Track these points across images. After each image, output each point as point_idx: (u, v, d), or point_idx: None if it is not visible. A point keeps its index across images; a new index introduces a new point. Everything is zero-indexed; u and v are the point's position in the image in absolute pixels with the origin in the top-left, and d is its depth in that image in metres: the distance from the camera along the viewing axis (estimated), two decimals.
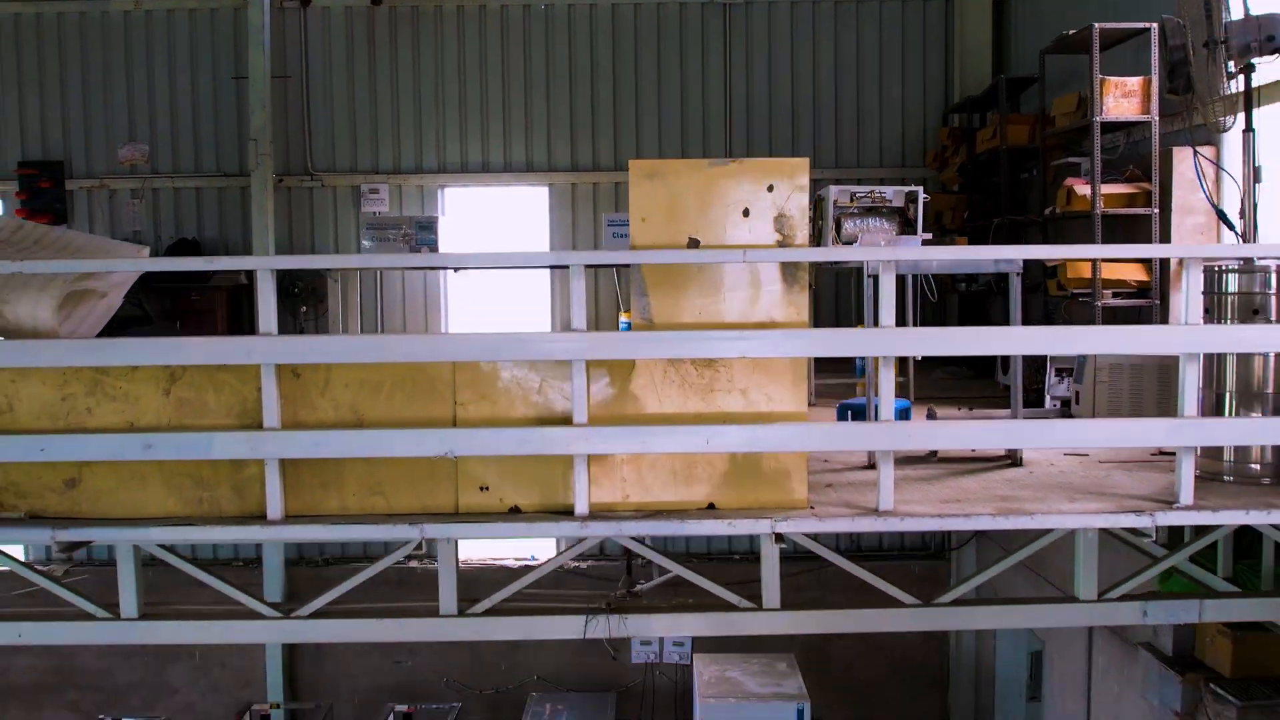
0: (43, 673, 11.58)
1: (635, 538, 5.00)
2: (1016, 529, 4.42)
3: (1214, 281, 4.92)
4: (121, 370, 4.28)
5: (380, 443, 4.25)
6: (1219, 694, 6.45)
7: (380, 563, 5.19)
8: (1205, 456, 5.00)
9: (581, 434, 4.21)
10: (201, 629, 5.29)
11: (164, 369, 4.29)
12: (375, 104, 11.13)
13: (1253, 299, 4.80)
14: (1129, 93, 7.03)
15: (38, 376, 4.29)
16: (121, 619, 4.99)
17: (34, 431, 4.29)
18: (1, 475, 4.38)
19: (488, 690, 11.35)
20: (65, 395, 4.30)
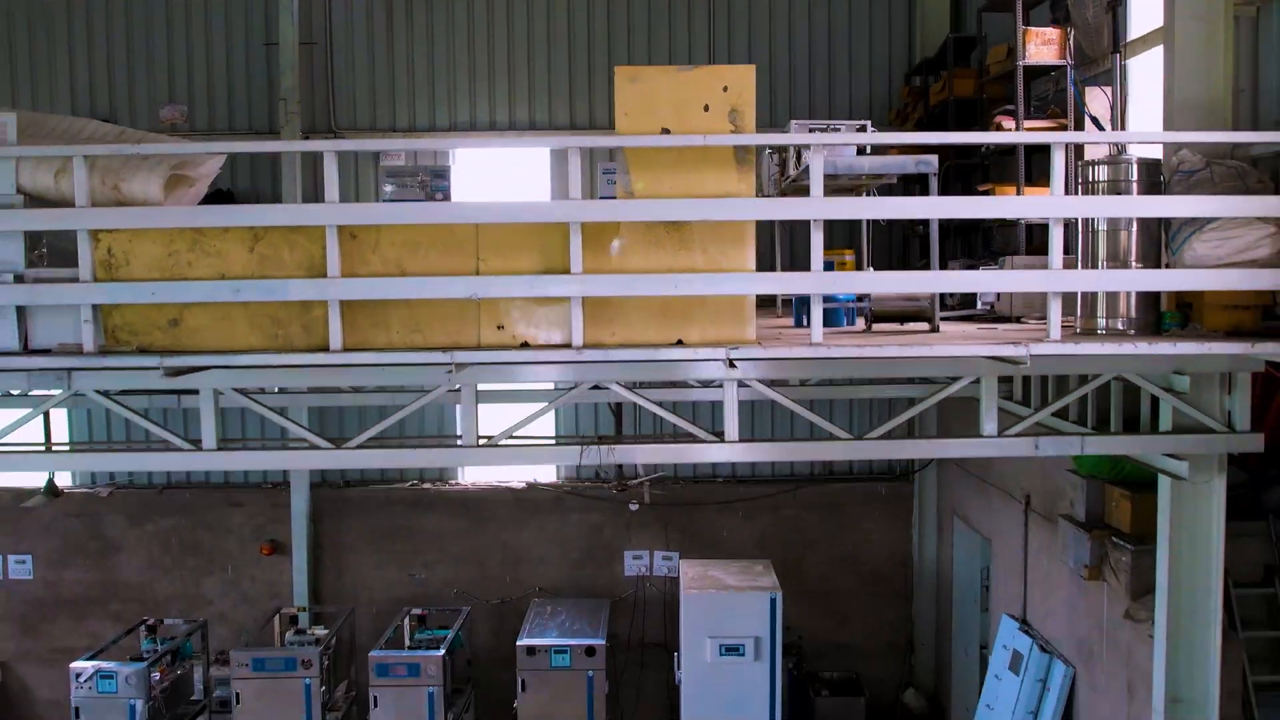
0: (89, 586, 12.74)
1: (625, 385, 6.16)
2: (916, 356, 5.53)
3: (1089, 172, 6.10)
4: (216, 231, 5.45)
5: (419, 287, 5.41)
6: (1118, 543, 7.64)
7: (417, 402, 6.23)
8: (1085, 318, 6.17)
9: (578, 280, 5.38)
10: (268, 458, 6.40)
11: (249, 230, 5.46)
12: (392, 68, 12.30)
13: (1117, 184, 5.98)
14: (1047, 41, 8.19)
15: (149, 236, 5.45)
16: (203, 450, 6.08)
17: (146, 280, 5.45)
18: (118, 316, 5.54)
19: (494, 601, 12.52)
20: (171, 252, 5.47)
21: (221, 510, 12.69)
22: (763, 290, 5.70)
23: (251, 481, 12.76)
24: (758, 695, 10.43)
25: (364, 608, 12.32)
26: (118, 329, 5.56)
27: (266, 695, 10.51)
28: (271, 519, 12.57)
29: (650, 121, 5.46)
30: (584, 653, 10.61)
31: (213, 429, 6.08)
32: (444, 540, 12.56)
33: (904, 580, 12.69)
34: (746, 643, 10.36)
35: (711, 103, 5.45)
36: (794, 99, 12.35)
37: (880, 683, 12.46)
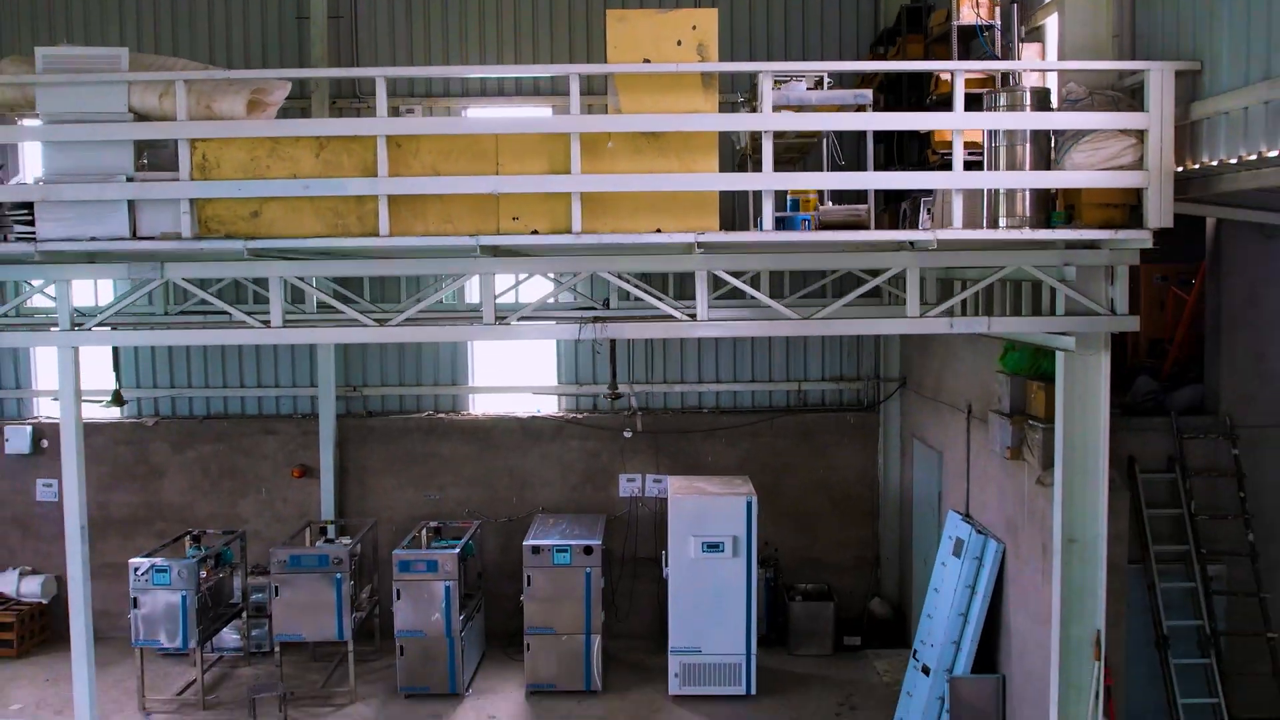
0: (136, 507, 14.13)
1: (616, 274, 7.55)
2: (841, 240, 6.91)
3: (993, 99, 7.50)
4: (289, 140, 6.85)
5: (451, 184, 6.80)
6: (1033, 425, 9.05)
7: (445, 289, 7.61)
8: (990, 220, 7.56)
9: (576, 179, 6.77)
10: (326, 333, 7.79)
11: (316, 140, 6.86)
12: (410, 39, 13.67)
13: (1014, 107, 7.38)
14: (979, 4, 9.57)
15: (236, 145, 6.85)
16: (271, 327, 7.46)
17: (233, 180, 6.84)
18: (209, 209, 6.93)
19: (502, 519, 13.90)
20: (253, 157, 6.87)
21: (256, 438, 14.09)
22: (723, 187, 7.11)
23: (283, 412, 14.17)
24: (736, 587, 11.84)
25: (384, 524, 13.70)
26: (209, 220, 6.96)
27: (302, 590, 11.88)
28: (301, 445, 13.97)
29: (634, 54, 6.87)
30: (582, 551, 12.00)
31: (279, 310, 7.47)
32: (456, 465, 13.96)
33: (870, 501, 14.09)
34: (726, 541, 11.77)
35: (684, 39, 6.86)
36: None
37: (849, 593, 13.84)
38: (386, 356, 14.08)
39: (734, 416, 13.96)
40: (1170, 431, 9.82)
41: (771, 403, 14.05)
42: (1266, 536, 9.71)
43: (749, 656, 11.94)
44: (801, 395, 14.09)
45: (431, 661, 12.01)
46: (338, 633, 11.91)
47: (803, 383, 14.06)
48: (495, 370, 14.18)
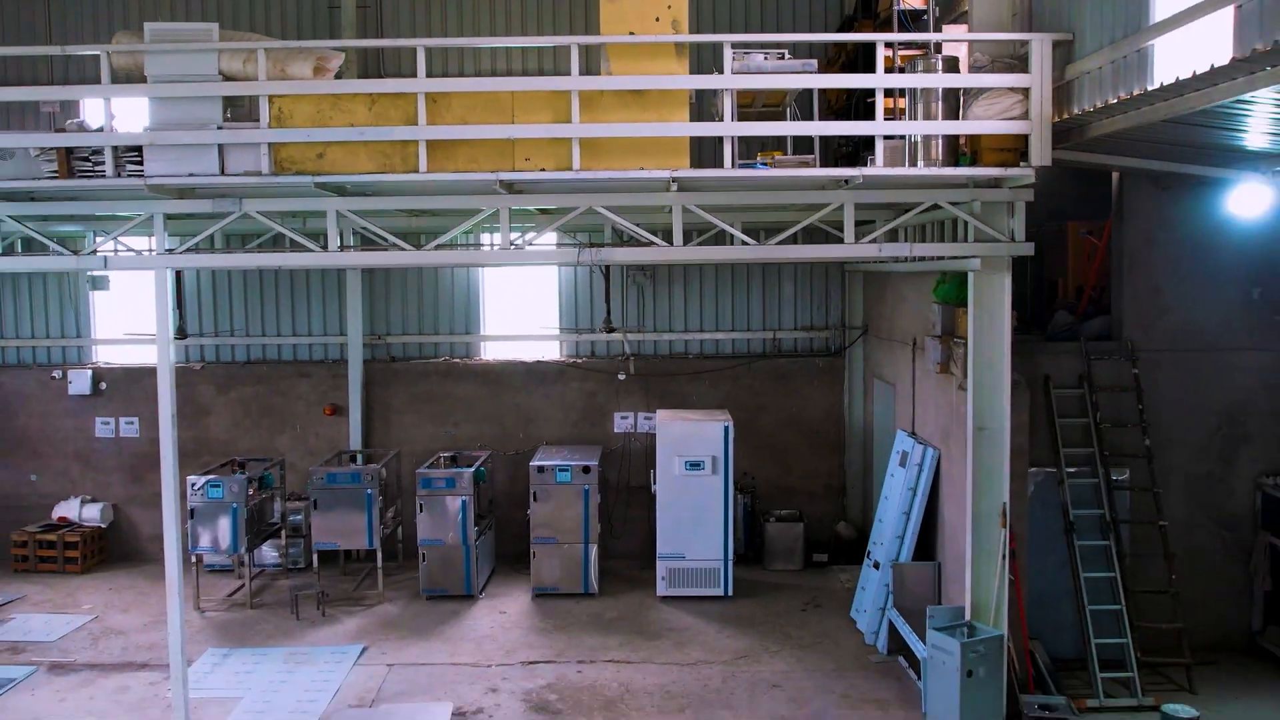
0: (184, 442, 15.72)
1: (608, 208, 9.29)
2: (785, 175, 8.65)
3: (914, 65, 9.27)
4: (347, 97, 8.61)
5: (476, 131, 8.55)
6: (958, 342, 10.80)
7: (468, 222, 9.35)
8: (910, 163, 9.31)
9: (575, 127, 8.52)
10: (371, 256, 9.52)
11: (369, 96, 8.62)
12: (430, 25, 15.43)
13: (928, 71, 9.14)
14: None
15: (305, 100, 8.60)
16: (327, 251, 9.21)
17: (302, 127, 8.59)
18: (284, 152, 8.68)
19: (510, 452, 15.64)
20: (318, 110, 8.62)
21: (292, 381, 15.86)
22: (692, 133, 8.84)
23: (315, 359, 15.93)
24: (715, 502, 13.59)
25: (406, 456, 15.44)
26: (283, 160, 8.72)
27: (337, 505, 13.62)
28: (332, 387, 15.74)
29: (622, 28, 8.63)
30: (581, 471, 13.76)
31: (336, 239, 9.23)
32: (470, 404, 15.72)
33: (837, 436, 15.85)
34: (706, 460, 13.53)
35: (661, 16, 8.62)
36: None
37: (818, 517, 15.60)
38: (408, 308, 15.84)
39: (716, 362, 15.73)
40: (1080, 355, 11.62)
41: (749, 350, 15.82)
42: (1161, 442, 11.50)
43: (726, 562, 13.70)
44: (776, 343, 15.85)
45: (449, 567, 13.77)
46: (368, 541, 13.68)
47: (777, 331, 15.82)
48: (504, 320, 15.94)
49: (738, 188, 9.12)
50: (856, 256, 9.62)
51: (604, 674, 11.26)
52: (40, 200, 9.62)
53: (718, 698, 10.62)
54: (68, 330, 16.11)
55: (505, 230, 9.25)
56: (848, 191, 9.15)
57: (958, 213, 9.52)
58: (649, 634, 12.49)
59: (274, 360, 15.95)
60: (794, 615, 13.11)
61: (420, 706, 10.30)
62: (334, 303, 15.73)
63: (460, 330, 15.89)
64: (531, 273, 15.71)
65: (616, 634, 12.47)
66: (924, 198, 9.42)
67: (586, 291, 15.63)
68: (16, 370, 16.00)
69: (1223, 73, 6.37)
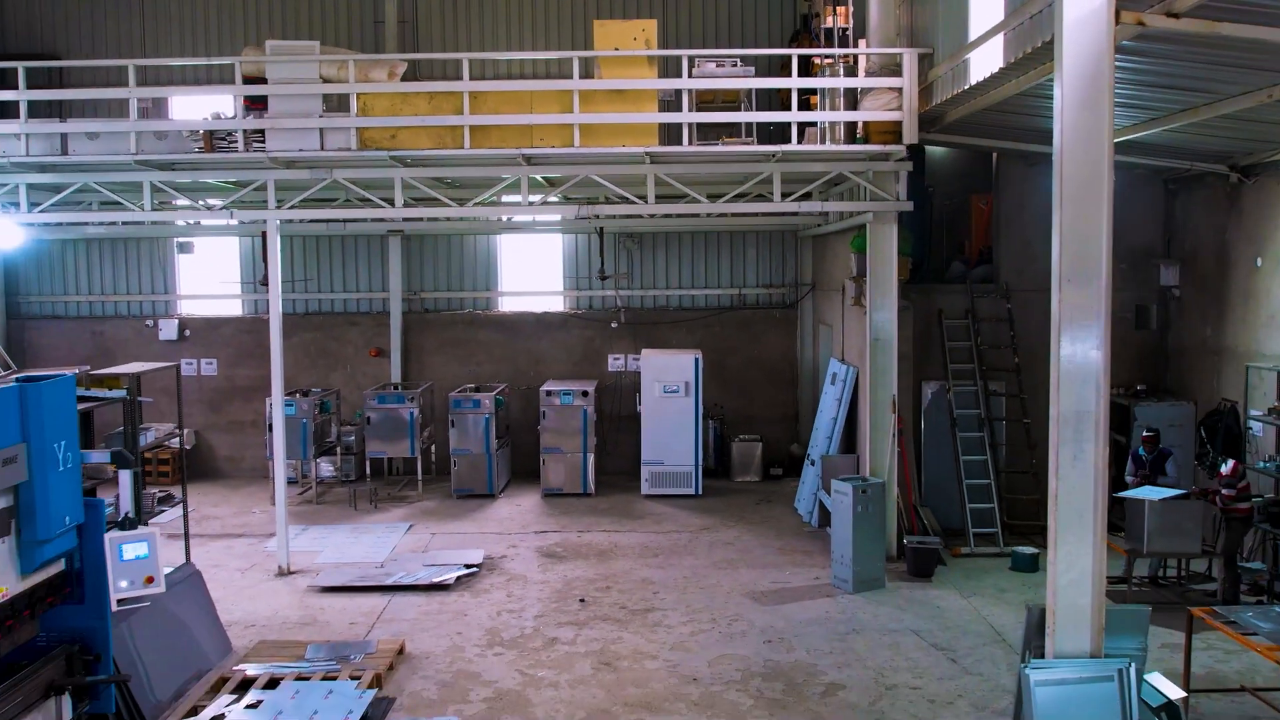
0: (254, 379, 19.22)
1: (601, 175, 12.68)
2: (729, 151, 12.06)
3: (823, 71, 12.67)
4: (412, 95, 12.02)
5: (505, 119, 11.95)
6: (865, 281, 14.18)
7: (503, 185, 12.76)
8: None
9: (576, 116, 11.92)
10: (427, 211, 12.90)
11: (428, 94, 12.04)
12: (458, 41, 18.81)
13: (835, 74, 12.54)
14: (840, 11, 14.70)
15: (381, 96, 12.02)
16: (395, 207, 12.60)
17: (380, 116, 12.02)
18: (366, 134, 12.08)
19: (522, 386, 19.05)
20: (391, 103, 12.04)
21: (343, 328, 19.28)
22: (659, 120, 12.20)
23: (362, 311, 19.34)
24: (687, 419, 16.99)
25: (437, 390, 18.84)
26: (366, 140, 12.13)
27: (385, 422, 17.04)
28: (376, 334, 19.16)
29: (609, 45, 12.03)
30: (581, 394, 17.17)
31: (400, 200, 12.63)
32: (489, 348, 19.14)
33: (792, 373, 19.27)
34: (680, 385, 16.94)
35: (637, 37, 12.02)
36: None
37: (775, 440, 19.00)
38: (438, 269, 19.26)
39: (692, 313, 19.15)
40: (967, 293, 15.02)
41: (719, 303, 19.23)
42: (1029, 361, 14.85)
43: (697, 468, 17.11)
44: (741, 297, 19.27)
45: (475, 472, 17.19)
46: (410, 450, 17.12)
47: (742, 288, 19.24)
48: (517, 279, 19.36)
49: (695, 160, 12.51)
50: (781, 210, 13.03)
51: (598, 538, 14.66)
52: (180, 170, 13.02)
53: (684, 549, 14.02)
54: (157, 288, 19.53)
55: (525, 192, 12.67)
56: (775, 164, 12.56)
57: (857, 179, 12.93)
58: (634, 516, 15.90)
59: (328, 312, 19.38)
60: (749, 507, 16.52)
61: (459, 552, 13.70)
62: (378, 264, 19.15)
63: (481, 287, 19.31)
64: (540, 240, 19.14)
65: (609, 517, 15.88)
66: (832, 169, 12.83)
67: (585, 256, 19.05)
68: (116, 320, 19.43)
69: (1000, 76, 9.78)
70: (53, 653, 7.08)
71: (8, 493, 6.54)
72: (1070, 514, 7.28)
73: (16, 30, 19.23)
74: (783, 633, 10.80)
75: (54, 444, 6.82)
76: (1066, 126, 7.13)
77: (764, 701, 9.13)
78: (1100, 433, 7.28)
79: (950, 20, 11.41)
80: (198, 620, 10.00)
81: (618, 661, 10.07)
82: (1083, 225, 7.21)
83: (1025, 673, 7.24)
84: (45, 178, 13.08)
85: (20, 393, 6.67)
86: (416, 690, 9.45)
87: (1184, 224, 14.84)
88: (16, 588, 6.65)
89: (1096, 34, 6.99)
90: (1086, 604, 7.23)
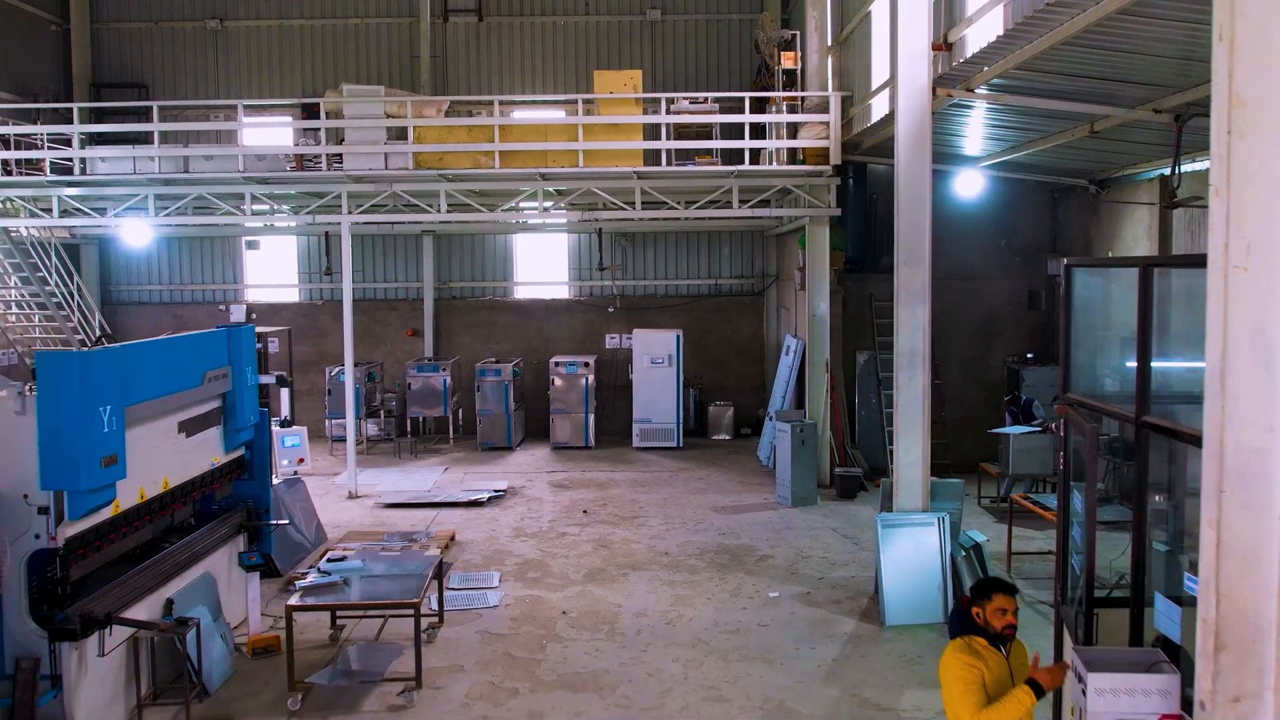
0: (310, 354, 22.97)
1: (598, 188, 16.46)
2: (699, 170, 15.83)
3: (772, 108, 16.44)
4: (455, 127, 15.79)
5: (525, 146, 15.71)
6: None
7: (521, 197, 16.54)
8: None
9: (581, 144, 15.67)
10: (464, 215, 16.68)
11: (467, 127, 15.80)
12: (480, 72, 22.58)
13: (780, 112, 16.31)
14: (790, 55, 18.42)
15: (433, 129, 15.80)
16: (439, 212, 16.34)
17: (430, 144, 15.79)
18: (420, 157, 15.84)
19: (534, 361, 22.83)
20: (439, 133, 15.82)
21: (384, 312, 23.07)
22: (644, 147, 15.96)
23: (399, 298, 23.12)
24: (671, 385, 20.75)
25: (464, 363, 22.60)
26: (419, 161, 15.91)
27: (423, 387, 20.80)
28: (412, 317, 22.94)
29: (605, 89, 15.80)
30: (583, 365, 20.95)
31: (444, 207, 16.40)
32: (506, 328, 22.92)
33: (759, 350, 23.04)
34: (664, 357, 20.71)
35: (626, 83, 15.80)
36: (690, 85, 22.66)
37: (745, 406, 22.76)
38: (464, 263, 23.03)
39: (676, 300, 22.92)
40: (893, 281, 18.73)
41: (700, 291, 23.00)
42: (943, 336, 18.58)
43: (678, 425, 20.86)
44: (717, 287, 23.04)
45: (496, 428, 20.95)
46: (443, 410, 20.90)
47: (718, 279, 23.01)
48: (530, 271, 23.14)
49: (672, 177, 16.27)
50: (739, 216, 16.79)
51: (597, 475, 18.43)
52: (273, 183, 16.78)
53: (665, 483, 17.78)
54: (228, 278, 23.31)
55: (540, 201, 16.44)
56: (734, 180, 16.33)
57: (797, 190, 16.70)
58: (626, 462, 19.67)
59: (372, 299, 23.15)
60: (720, 456, 20.29)
61: (488, 482, 17.46)
62: (414, 260, 22.92)
63: (499, 278, 23.08)
64: (549, 239, 22.91)
65: (606, 462, 19.65)
66: (778, 183, 16.59)
67: (587, 252, 22.82)
68: (194, 306, 23.20)
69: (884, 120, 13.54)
70: (237, 508, 10.85)
71: (219, 397, 10.33)
72: (906, 417, 11.03)
73: (109, 62, 23.01)
74: (734, 529, 14.57)
75: (245, 368, 10.62)
76: (901, 161, 10.88)
77: (714, 565, 12.89)
78: (925, 364, 11.02)
79: (861, 70, 15.19)
80: (307, 511, 13.76)
81: (611, 545, 13.83)
82: (913, 226, 10.92)
83: (878, 520, 11.00)
84: (168, 189, 16.85)
85: (227, 334, 10.48)
86: (466, 560, 13.21)
87: (1064, 225, 18.61)
88: (224, 458, 10.43)
89: (922, 102, 10.75)
90: (917, 476, 10.98)
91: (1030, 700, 5.07)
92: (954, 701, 5.18)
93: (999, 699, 5.10)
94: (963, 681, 5.15)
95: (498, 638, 10.39)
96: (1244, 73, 4.81)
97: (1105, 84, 10.34)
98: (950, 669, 5.22)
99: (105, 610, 7.88)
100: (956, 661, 5.21)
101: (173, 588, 9.17)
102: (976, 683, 5.14)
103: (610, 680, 9.31)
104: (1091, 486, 6.65)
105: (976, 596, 5.42)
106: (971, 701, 5.11)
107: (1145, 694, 5.58)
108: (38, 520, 7.52)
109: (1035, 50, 9.13)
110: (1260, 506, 5.08)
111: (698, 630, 10.53)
